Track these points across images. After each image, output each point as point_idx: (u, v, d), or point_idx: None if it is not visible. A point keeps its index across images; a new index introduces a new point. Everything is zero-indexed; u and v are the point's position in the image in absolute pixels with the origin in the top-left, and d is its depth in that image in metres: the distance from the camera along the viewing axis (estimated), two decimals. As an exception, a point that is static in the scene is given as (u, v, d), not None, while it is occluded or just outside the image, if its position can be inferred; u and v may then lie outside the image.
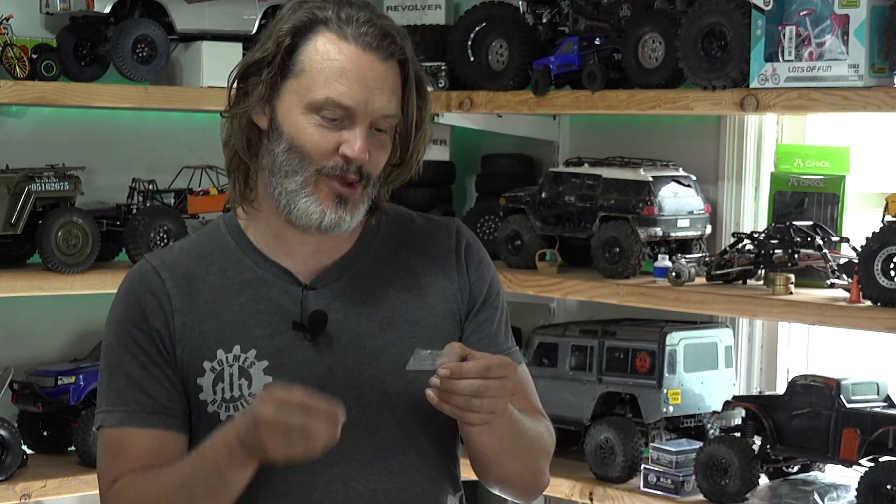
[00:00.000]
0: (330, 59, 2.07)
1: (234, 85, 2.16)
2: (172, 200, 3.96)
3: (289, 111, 2.10)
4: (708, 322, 3.78)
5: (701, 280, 3.60)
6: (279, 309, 2.15)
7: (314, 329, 2.13)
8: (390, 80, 2.09)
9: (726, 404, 3.54)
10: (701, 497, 3.50)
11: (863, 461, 3.23)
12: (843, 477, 3.40)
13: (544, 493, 2.55)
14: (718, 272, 3.57)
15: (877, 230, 3.18)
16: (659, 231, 3.68)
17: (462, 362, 1.99)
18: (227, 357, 2.14)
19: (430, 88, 2.21)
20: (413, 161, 2.18)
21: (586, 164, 3.86)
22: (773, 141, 3.80)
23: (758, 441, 3.44)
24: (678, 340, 3.65)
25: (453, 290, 2.23)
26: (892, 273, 3.13)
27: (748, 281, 3.57)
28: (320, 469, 2.12)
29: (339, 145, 2.08)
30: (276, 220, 2.16)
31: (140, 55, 3.77)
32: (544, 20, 3.96)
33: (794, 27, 3.28)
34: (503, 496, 2.38)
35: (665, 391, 3.62)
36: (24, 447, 3.73)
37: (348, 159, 2.08)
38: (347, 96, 2.06)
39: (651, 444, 3.65)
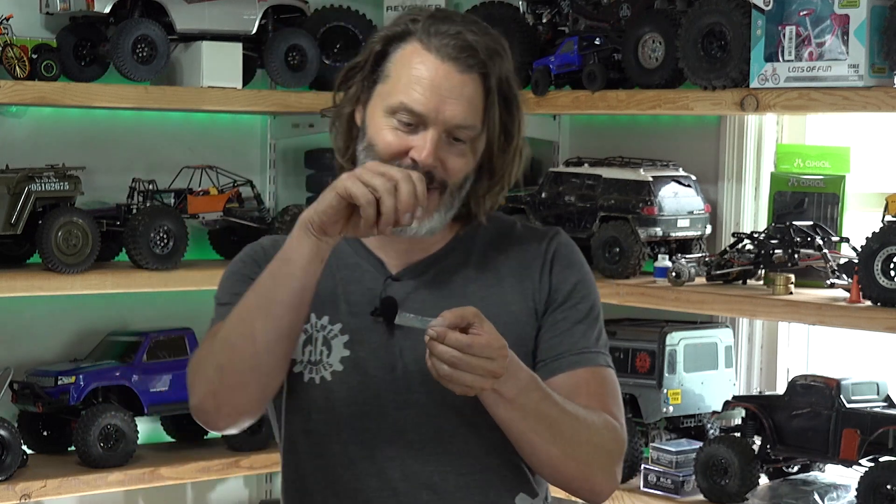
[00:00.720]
0: (411, 66, 2.17)
1: (338, 86, 2.29)
2: (172, 200, 3.96)
3: (373, 113, 2.21)
4: (708, 322, 3.78)
5: (701, 280, 3.60)
6: (368, 292, 2.27)
7: (385, 313, 2.23)
8: (467, 92, 2.17)
9: (726, 404, 3.54)
10: (701, 497, 3.50)
11: (863, 461, 3.23)
12: (843, 477, 3.41)
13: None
14: (718, 272, 3.58)
15: (877, 230, 3.18)
16: (659, 231, 3.68)
17: (448, 329, 2.02)
18: (317, 323, 2.26)
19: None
20: (503, 177, 2.26)
21: (586, 164, 3.86)
22: (773, 141, 3.80)
23: (758, 441, 3.45)
24: (678, 340, 3.65)
25: (534, 289, 2.29)
26: (892, 273, 3.13)
27: (748, 281, 3.57)
28: (379, 444, 2.21)
29: (411, 149, 2.17)
30: None
31: (140, 55, 3.77)
32: (544, 20, 3.96)
33: (794, 27, 3.28)
34: (568, 495, 2.32)
35: (665, 391, 3.63)
36: (24, 447, 3.74)
37: (416, 162, 2.17)
38: (419, 102, 2.16)
39: (651, 444, 3.65)
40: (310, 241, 2.11)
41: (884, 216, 3.21)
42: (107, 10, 3.75)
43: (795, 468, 3.50)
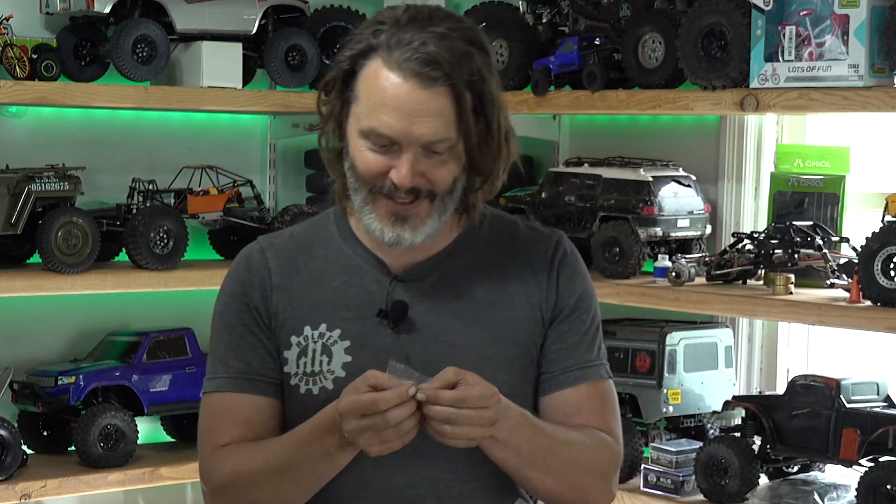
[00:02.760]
0: (376, 87, 2.14)
1: (318, 105, 2.28)
2: (172, 200, 3.96)
3: (351, 134, 2.20)
4: (708, 322, 3.78)
5: (701, 280, 3.60)
6: (369, 295, 2.26)
7: (395, 317, 2.23)
8: (435, 106, 2.13)
9: (726, 404, 3.54)
10: (701, 497, 3.50)
11: (863, 461, 3.23)
12: (843, 477, 3.40)
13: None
14: (718, 272, 3.58)
15: (877, 230, 3.18)
16: (659, 231, 3.68)
17: (438, 389, 2.05)
18: (312, 333, 2.26)
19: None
20: (491, 172, 2.23)
21: (586, 164, 3.86)
22: (773, 141, 3.80)
23: (758, 441, 3.45)
24: (678, 340, 3.65)
25: (541, 297, 2.29)
26: (892, 273, 3.13)
27: (748, 281, 3.57)
28: None
29: (391, 169, 2.16)
30: None
31: (140, 55, 3.77)
32: (544, 20, 3.96)
33: (794, 27, 3.28)
34: None
35: (665, 391, 3.63)
36: (24, 447, 3.74)
37: (395, 185, 2.16)
38: (388, 126, 2.13)
39: (651, 444, 3.65)
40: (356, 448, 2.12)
41: (884, 216, 3.21)
42: (107, 10, 3.75)
43: (795, 468, 3.50)
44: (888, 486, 3.12)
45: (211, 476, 2.27)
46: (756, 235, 3.55)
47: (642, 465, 3.62)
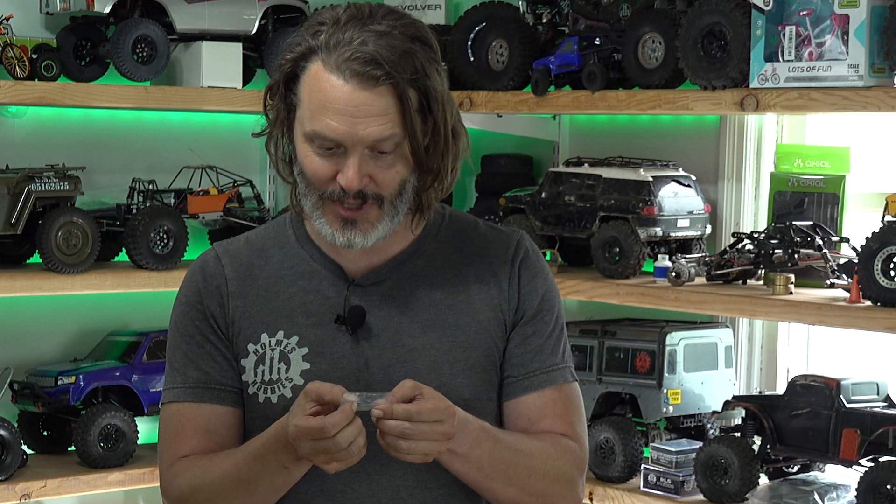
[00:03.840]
0: (317, 91, 2.11)
1: (264, 110, 2.24)
2: (172, 200, 3.96)
3: (297, 138, 2.16)
4: (708, 322, 3.78)
5: (701, 280, 3.60)
6: (326, 301, 2.23)
7: (353, 323, 2.20)
8: (377, 106, 2.09)
9: (726, 404, 3.54)
10: (701, 497, 3.50)
11: (863, 461, 3.23)
12: (843, 477, 3.40)
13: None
14: (718, 272, 3.58)
15: (877, 230, 3.18)
16: (659, 231, 3.68)
17: (392, 404, 2.03)
18: (270, 341, 2.23)
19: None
20: (440, 170, 2.19)
21: (586, 164, 3.86)
22: (773, 141, 3.80)
23: (758, 441, 3.45)
24: (678, 340, 3.65)
25: (502, 298, 2.26)
26: (892, 273, 3.13)
27: (748, 281, 3.57)
28: None
29: (338, 173, 2.13)
30: None
31: (140, 55, 3.77)
32: (544, 20, 3.96)
33: (794, 27, 3.28)
34: None
35: (665, 391, 3.63)
36: (24, 447, 3.74)
37: (343, 189, 2.13)
38: (331, 129, 2.10)
39: (651, 444, 3.65)
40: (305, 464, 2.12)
41: (884, 216, 3.21)
42: (107, 10, 3.75)
43: (795, 468, 3.50)
44: (888, 486, 3.12)
45: (170, 489, 2.25)
46: (756, 235, 3.55)
47: (642, 465, 3.62)
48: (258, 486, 2.15)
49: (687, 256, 3.64)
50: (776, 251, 3.48)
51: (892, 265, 3.13)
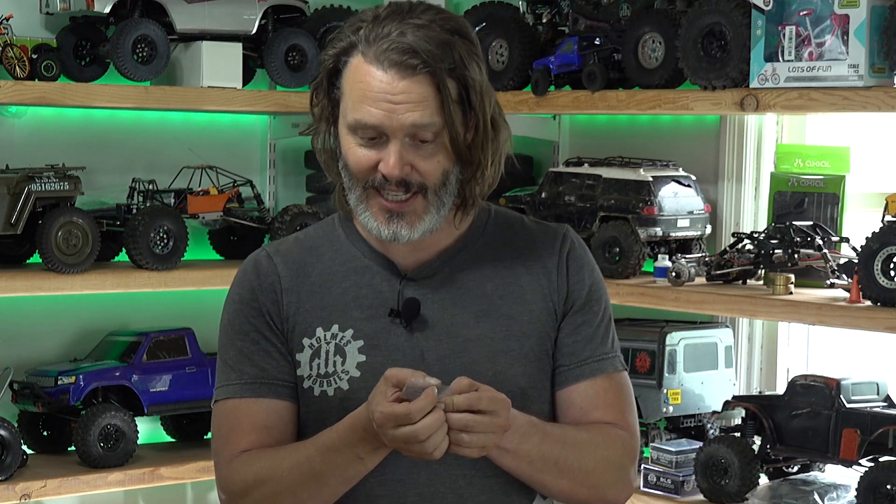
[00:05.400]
0: (357, 82, 2.16)
1: (310, 107, 2.29)
2: (172, 200, 3.96)
3: (341, 131, 2.21)
4: (708, 322, 3.78)
5: (701, 280, 3.60)
6: (379, 295, 2.26)
7: (408, 315, 2.23)
8: (416, 93, 2.14)
9: (726, 404, 3.54)
10: (701, 497, 3.50)
11: (863, 461, 3.23)
12: (843, 477, 3.40)
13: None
14: (718, 272, 3.58)
15: (877, 230, 3.18)
16: (659, 231, 3.68)
17: (452, 395, 2.05)
18: (325, 335, 2.25)
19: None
20: (481, 161, 2.22)
21: (586, 164, 3.86)
22: (773, 141, 3.80)
23: (758, 441, 3.45)
24: (678, 340, 3.66)
25: (551, 289, 2.29)
26: (892, 273, 3.13)
27: (748, 281, 3.57)
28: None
29: (380, 161, 2.17)
30: None
31: (140, 55, 3.77)
32: (544, 20, 3.96)
33: (794, 27, 3.28)
34: None
35: (665, 391, 3.63)
36: (24, 447, 3.74)
37: (385, 177, 2.17)
38: (372, 116, 2.14)
39: (651, 444, 3.65)
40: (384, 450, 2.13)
41: (884, 216, 3.21)
42: (107, 10, 3.75)
43: (795, 468, 3.50)
44: (888, 486, 3.12)
45: (232, 483, 2.25)
46: (756, 235, 3.55)
47: (642, 465, 3.61)
48: (330, 478, 2.16)
49: (687, 256, 3.64)
50: (776, 251, 3.48)
51: (892, 265, 3.13)
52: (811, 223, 3.52)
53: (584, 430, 2.26)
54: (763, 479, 3.46)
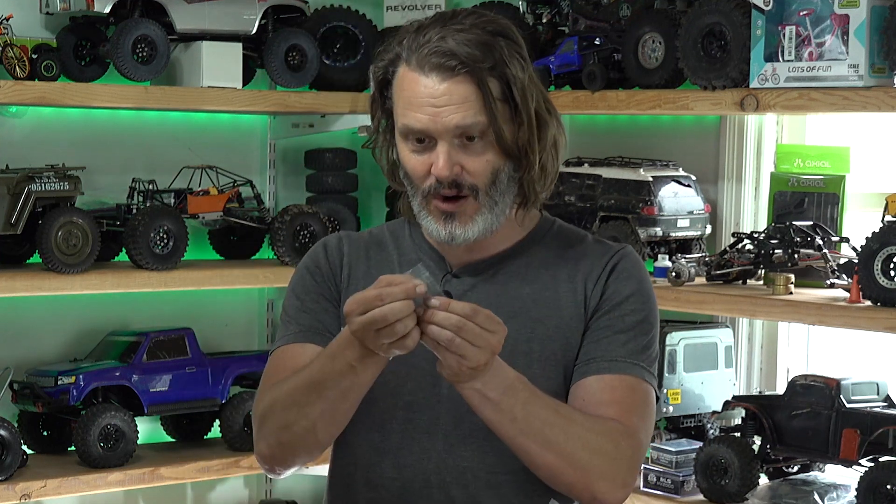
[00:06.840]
0: (404, 90, 2.23)
1: (371, 119, 2.36)
2: (172, 200, 3.96)
3: (398, 140, 2.28)
4: (708, 322, 3.78)
5: (701, 280, 3.60)
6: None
7: None
8: (458, 94, 2.19)
9: (726, 404, 3.54)
10: (701, 497, 3.50)
11: (863, 461, 3.23)
12: (843, 477, 3.41)
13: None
14: (718, 272, 3.58)
15: (877, 230, 3.18)
16: (659, 231, 3.68)
17: (451, 299, 2.06)
18: None
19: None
20: (533, 159, 2.24)
21: (586, 164, 3.86)
22: (773, 141, 3.80)
23: (758, 441, 3.45)
24: (678, 340, 3.66)
25: (587, 297, 2.30)
26: (892, 273, 3.13)
27: (748, 281, 3.57)
28: (418, 435, 2.27)
29: (432, 165, 2.23)
30: None
31: (140, 55, 3.77)
32: (544, 20, 3.96)
33: (794, 27, 3.28)
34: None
35: (665, 391, 3.63)
36: (24, 447, 3.74)
37: (438, 181, 2.22)
38: (418, 120, 2.20)
39: (651, 444, 3.65)
40: (381, 360, 2.13)
41: (884, 216, 3.21)
42: (107, 10, 3.75)
43: (795, 468, 3.50)
44: (888, 486, 3.12)
45: (257, 409, 2.29)
46: (756, 235, 3.55)
47: (642, 466, 3.62)
48: (326, 387, 2.17)
49: (687, 256, 3.64)
50: (776, 251, 3.48)
51: (892, 265, 3.13)
52: (811, 223, 3.52)
53: (580, 412, 2.21)
54: (763, 479, 3.46)
